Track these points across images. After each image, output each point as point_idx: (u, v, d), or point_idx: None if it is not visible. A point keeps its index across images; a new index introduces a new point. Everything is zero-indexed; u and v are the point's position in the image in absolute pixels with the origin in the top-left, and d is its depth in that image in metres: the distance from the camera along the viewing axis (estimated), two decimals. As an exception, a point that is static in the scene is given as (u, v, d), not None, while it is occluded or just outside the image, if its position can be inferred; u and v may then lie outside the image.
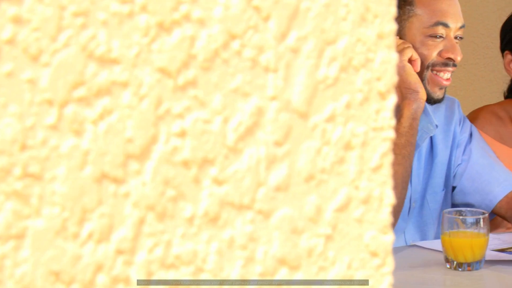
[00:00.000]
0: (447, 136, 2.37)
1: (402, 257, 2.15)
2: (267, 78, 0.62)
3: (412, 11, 2.18)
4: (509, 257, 2.08)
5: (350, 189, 0.66)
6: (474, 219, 2.03)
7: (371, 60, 0.67)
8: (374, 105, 0.67)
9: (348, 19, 0.65)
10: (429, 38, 2.18)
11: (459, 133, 2.39)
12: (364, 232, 0.67)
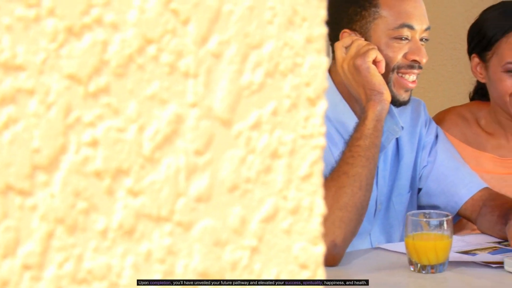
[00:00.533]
0: (412, 137, 2.35)
1: (366, 260, 2.13)
2: (186, 84, 0.59)
3: (377, 13, 2.16)
4: (472, 258, 2.06)
5: (277, 199, 0.64)
6: (438, 221, 2.01)
7: (300, 65, 0.64)
8: (303, 112, 0.64)
9: (274, 23, 0.63)
10: (394, 40, 2.16)
11: (424, 135, 2.38)
12: (292, 243, 0.65)
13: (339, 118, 2.22)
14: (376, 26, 2.15)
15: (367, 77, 2.07)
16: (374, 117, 2.07)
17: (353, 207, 2.02)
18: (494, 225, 2.22)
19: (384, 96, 2.08)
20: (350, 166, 2.03)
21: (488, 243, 2.19)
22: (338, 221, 2.00)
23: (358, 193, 2.02)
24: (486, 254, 2.09)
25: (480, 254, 2.09)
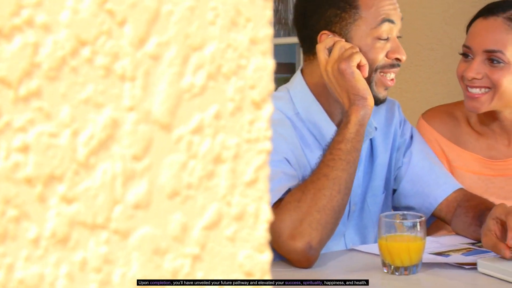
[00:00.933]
0: (387, 138, 2.34)
1: (341, 261, 2.12)
2: (123, 88, 0.58)
3: (358, 14, 2.14)
4: (446, 260, 2.05)
5: (221, 205, 0.62)
6: (411, 222, 2.00)
7: (244, 67, 0.62)
8: (248, 115, 0.63)
9: (216, 23, 0.61)
10: (376, 40, 2.15)
11: (399, 136, 2.36)
12: (237, 251, 0.63)
13: (312, 119, 2.21)
14: (357, 28, 2.14)
15: (352, 81, 2.06)
16: (357, 121, 2.06)
17: (331, 210, 2.01)
18: (469, 227, 2.21)
19: (368, 101, 2.07)
20: (330, 168, 2.03)
21: (462, 244, 2.18)
22: (315, 223, 1.99)
23: (336, 196, 2.02)
24: (459, 255, 2.08)
25: (454, 256, 2.08)
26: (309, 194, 2.00)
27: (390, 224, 1.99)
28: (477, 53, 2.31)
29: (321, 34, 2.14)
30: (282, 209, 2.00)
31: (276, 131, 2.13)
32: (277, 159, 2.08)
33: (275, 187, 2.02)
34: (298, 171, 2.14)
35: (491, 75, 2.30)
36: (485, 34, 2.31)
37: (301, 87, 2.22)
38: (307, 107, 2.21)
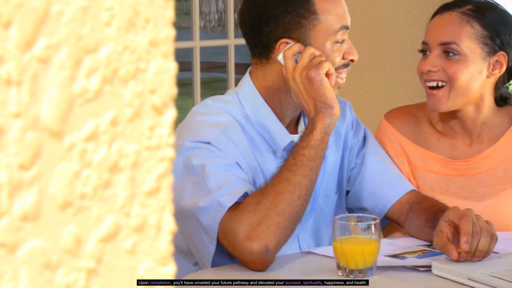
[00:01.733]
0: (338, 138, 2.33)
1: (295, 264, 2.10)
2: (8, 93, 0.54)
3: (317, 19, 2.13)
4: (401, 262, 2.03)
5: (118, 216, 0.59)
6: (366, 225, 1.98)
7: (143, 70, 0.59)
8: (148, 121, 0.60)
9: (112, 24, 0.58)
10: (334, 44, 2.15)
11: (351, 136, 2.35)
12: (137, 264, 0.60)
13: (262, 122, 2.19)
14: (317, 33, 2.13)
15: (320, 89, 2.05)
16: (322, 129, 2.05)
17: (290, 215, 2.00)
18: (422, 229, 2.20)
19: (334, 110, 2.06)
20: (292, 173, 2.01)
21: (417, 246, 2.17)
22: (273, 226, 1.97)
23: (296, 201, 2.01)
24: (414, 258, 2.06)
25: (409, 258, 2.06)
26: (269, 197, 1.98)
27: (344, 226, 1.97)
28: (433, 47, 2.32)
29: (281, 42, 2.13)
30: (241, 211, 1.97)
31: (226, 135, 2.11)
32: (228, 162, 2.06)
33: (231, 190, 2.00)
34: (249, 174, 2.12)
35: (447, 68, 2.30)
36: (440, 28, 2.32)
37: (250, 90, 2.20)
38: (257, 109, 2.19)
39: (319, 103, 2.06)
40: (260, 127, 2.18)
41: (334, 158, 2.30)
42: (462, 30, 2.30)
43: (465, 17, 2.31)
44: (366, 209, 2.31)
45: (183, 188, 2.06)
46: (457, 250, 1.94)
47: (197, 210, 2.01)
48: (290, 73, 2.09)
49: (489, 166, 2.39)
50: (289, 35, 2.13)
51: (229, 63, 3.97)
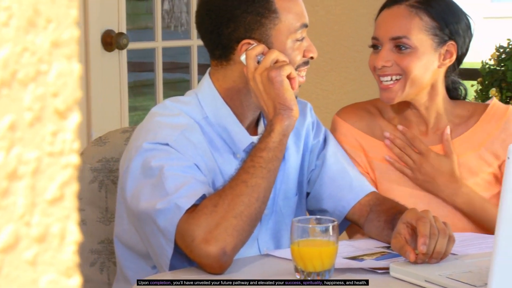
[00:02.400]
0: (298, 140, 2.31)
1: (254, 267, 2.07)
2: None
3: (277, 18, 2.12)
4: (359, 264, 2.02)
5: (18, 226, 0.56)
6: (324, 227, 1.96)
7: (44, 73, 0.56)
8: (50, 126, 0.57)
9: (10, 25, 0.55)
10: (295, 42, 2.14)
11: (312, 138, 2.34)
12: (39, 276, 0.57)
13: (222, 123, 2.17)
14: (278, 32, 2.12)
15: (280, 90, 2.04)
16: (281, 131, 2.03)
17: (247, 217, 1.97)
18: (381, 231, 2.18)
19: (293, 112, 2.05)
20: (250, 175, 1.99)
21: (377, 248, 2.15)
22: (231, 229, 1.95)
23: (254, 204, 1.98)
24: (372, 260, 2.05)
25: (367, 260, 2.04)
26: (226, 200, 1.96)
27: (302, 228, 1.95)
28: (384, 41, 2.32)
29: (243, 43, 2.11)
30: (198, 213, 1.95)
31: (185, 136, 2.09)
32: (187, 164, 2.04)
33: (189, 192, 1.98)
34: (208, 176, 2.10)
35: (400, 62, 2.31)
36: (390, 22, 2.33)
37: (210, 91, 2.18)
38: (216, 111, 2.17)
39: (278, 105, 2.04)
40: (219, 128, 2.16)
41: (294, 160, 2.29)
42: (411, 23, 2.31)
43: (413, 10, 2.32)
44: (327, 211, 2.30)
45: (141, 190, 2.03)
46: (414, 252, 1.93)
47: (155, 212, 1.98)
48: (251, 73, 2.07)
49: None
50: (250, 35, 2.11)
51: (192, 63, 3.94)
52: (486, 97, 4.21)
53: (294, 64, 2.12)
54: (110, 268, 2.42)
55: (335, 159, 2.32)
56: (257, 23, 2.11)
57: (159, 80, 3.85)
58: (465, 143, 2.41)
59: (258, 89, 2.06)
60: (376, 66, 2.32)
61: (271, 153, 2.02)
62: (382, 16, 2.36)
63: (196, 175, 2.03)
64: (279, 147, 2.03)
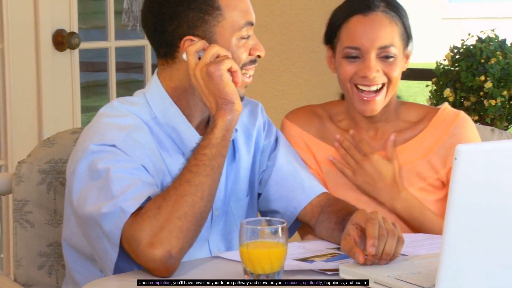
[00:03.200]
0: (249, 140, 2.29)
1: (203, 269, 2.05)
2: None
3: (221, 15, 2.10)
4: (309, 266, 2.00)
5: None
6: (273, 229, 1.94)
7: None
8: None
9: None
10: (239, 40, 2.12)
11: (263, 138, 2.32)
12: None
13: (171, 123, 2.14)
14: (222, 29, 2.10)
15: (220, 85, 2.01)
16: (223, 126, 2.01)
17: (192, 217, 1.94)
18: (332, 232, 2.18)
19: (235, 106, 2.03)
20: (193, 174, 1.96)
21: (327, 249, 2.15)
22: (176, 231, 1.92)
23: (199, 203, 1.95)
24: (322, 261, 2.04)
25: (317, 262, 2.03)
26: (170, 201, 1.93)
27: (250, 230, 1.93)
28: (369, 51, 2.30)
29: (185, 40, 2.09)
30: (142, 217, 1.92)
31: (133, 137, 2.06)
32: (134, 166, 2.01)
33: (134, 195, 1.95)
34: (156, 177, 2.07)
35: (386, 70, 2.31)
36: (374, 31, 2.30)
37: (158, 91, 2.16)
38: (165, 111, 2.15)
39: (220, 99, 2.02)
40: (168, 128, 2.14)
41: (245, 160, 2.27)
42: (393, 32, 2.32)
43: (390, 17, 2.31)
44: (278, 212, 2.29)
45: (88, 193, 2.00)
46: (363, 254, 1.92)
47: (100, 216, 1.95)
48: (192, 70, 2.05)
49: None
50: (193, 32, 2.09)
51: (146, 64, 3.91)
52: (441, 98, 4.23)
53: (239, 62, 2.11)
54: (59, 271, 2.39)
55: (286, 160, 2.31)
56: (200, 20, 2.09)
57: (112, 81, 3.81)
58: (414, 149, 2.41)
59: (199, 85, 2.04)
60: (367, 76, 2.29)
61: (214, 149, 1.99)
62: (360, 24, 2.31)
63: (143, 177, 2.00)
64: (223, 143, 2.00)
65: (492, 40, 4.20)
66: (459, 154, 1.59)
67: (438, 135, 2.39)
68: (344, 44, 2.31)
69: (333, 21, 2.36)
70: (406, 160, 2.39)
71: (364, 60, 2.29)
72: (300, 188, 2.27)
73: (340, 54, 2.33)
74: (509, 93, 4.06)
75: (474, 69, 4.12)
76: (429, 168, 2.39)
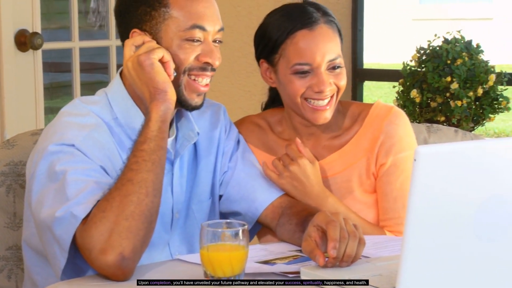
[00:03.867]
0: (211, 142, 2.27)
1: (163, 272, 2.02)
2: None
3: (168, 13, 2.07)
4: (271, 269, 1.98)
5: None
6: (233, 231, 1.91)
7: None
8: None
9: None
10: (186, 41, 2.07)
11: (224, 140, 2.30)
12: None
13: (131, 124, 2.11)
14: (167, 27, 2.07)
15: (151, 73, 1.99)
16: (158, 118, 1.97)
17: (140, 216, 1.90)
18: (293, 234, 2.16)
19: (169, 95, 1.99)
20: (134, 172, 1.92)
21: (290, 252, 2.13)
22: (125, 232, 1.87)
23: (145, 200, 1.91)
24: (283, 264, 2.01)
25: (278, 264, 2.01)
26: (114, 203, 1.88)
27: (211, 233, 1.91)
28: (320, 66, 2.29)
29: (132, 32, 2.08)
30: (89, 224, 1.88)
31: (93, 137, 2.03)
32: (91, 167, 1.98)
33: (86, 199, 1.91)
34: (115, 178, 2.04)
35: (336, 81, 2.31)
36: (324, 46, 2.29)
37: (120, 91, 2.13)
38: (126, 111, 2.12)
39: (152, 89, 1.99)
40: (129, 129, 2.11)
41: (208, 163, 2.25)
42: (337, 42, 2.34)
43: (332, 27, 2.32)
44: (239, 213, 2.27)
45: (45, 196, 1.96)
46: (324, 256, 1.90)
47: (53, 220, 1.91)
48: (125, 61, 2.03)
49: (333, 171, 2.39)
50: (141, 27, 2.08)
51: (111, 64, 3.88)
52: (408, 99, 4.23)
53: (182, 65, 2.06)
54: (18, 275, 2.36)
55: (247, 162, 2.29)
56: (147, 15, 2.07)
57: (77, 82, 3.78)
58: (352, 151, 2.39)
59: (132, 76, 2.02)
60: (322, 91, 2.28)
61: (152, 143, 1.95)
62: (307, 39, 2.29)
63: (100, 178, 1.97)
64: (160, 135, 1.96)
65: (458, 41, 4.21)
66: (418, 155, 1.57)
67: (373, 133, 2.38)
68: (293, 61, 2.28)
69: (272, 37, 2.31)
70: (346, 163, 2.38)
71: (316, 74, 2.28)
72: (261, 190, 2.25)
73: (288, 70, 2.30)
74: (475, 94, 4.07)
75: (441, 70, 4.12)
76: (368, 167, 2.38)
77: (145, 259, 2.02)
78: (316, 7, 2.33)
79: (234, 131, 2.34)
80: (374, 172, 2.37)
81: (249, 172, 2.27)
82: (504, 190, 1.66)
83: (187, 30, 2.06)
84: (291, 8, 2.33)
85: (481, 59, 4.19)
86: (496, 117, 4.17)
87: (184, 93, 2.09)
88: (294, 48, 2.28)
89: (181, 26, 2.06)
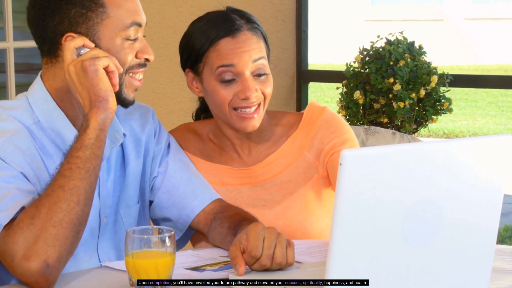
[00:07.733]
0: (139, 146, 2.21)
1: (90, 280, 1.96)
2: None
3: (105, 13, 2.01)
4: (200, 275, 1.93)
5: None
6: (160, 237, 1.86)
7: None
8: None
9: None
10: (125, 41, 2.03)
11: (154, 144, 2.24)
12: None
13: (54, 127, 2.05)
14: (105, 28, 2.01)
15: (94, 80, 1.93)
16: (96, 126, 1.92)
17: (69, 224, 1.85)
18: (225, 237, 2.11)
19: (110, 104, 1.94)
20: (67, 179, 1.87)
21: (221, 258, 2.08)
22: (51, 239, 1.82)
23: (75, 208, 1.86)
24: (211, 271, 1.97)
25: (207, 271, 1.96)
26: (43, 209, 1.83)
27: (137, 239, 1.85)
28: (243, 70, 2.25)
29: (66, 36, 2.01)
30: (14, 229, 1.82)
31: (12, 143, 1.97)
32: (11, 174, 1.92)
33: (7, 205, 1.86)
34: (37, 185, 1.98)
35: (262, 88, 2.28)
36: (247, 49, 2.25)
37: (42, 93, 2.07)
38: (48, 114, 2.05)
39: (94, 96, 1.93)
40: (52, 133, 2.05)
41: (135, 166, 2.19)
42: (262, 48, 2.30)
43: (255, 33, 2.30)
44: (171, 220, 2.22)
45: None
46: (244, 266, 1.86)
47: None
48: (66, 65, 1.96)
49: (272, 173, 2.37)
50: (75, 29, 2.01)
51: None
52: (351, 100, 4.21)
53: (124, 65, 2.03)
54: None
55: (178, 167, 2.24)
56: (82, 17, 2.00)
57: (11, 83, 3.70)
58: (287, 152, 2.37)
59: (73, 80, 1.96)
60: (248, 97, 2.25)
61: (88, 151, 1.90)
62: (230, 45, 2.25)
63: (21, 185, 1.91)
64: (97, 143, 1.92)
65: (401, 42, 4.20)
66: (344, 159, 1.53)
67: (309, 131, 2.38)
68: (216, 64, 2.24)
69: (196, 46, 2.27)
70: (283, 164, 2.36)
71: (241, 81, 2.25)
72: (192, 195, 2.20)
73: (212, 76, 2.26)
74: (417, 96, 4.06)
75: (383, 71, 4.11)
76: (310, 164, 2.36)
77: (72, 265, 1.96)
78: (240, 14, 2.30)
79: (164, 134, 2.28)
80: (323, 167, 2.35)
81: (180, 177, 2.22)
82: (432, 194, 1.64)
83: (127, 29, 2.03)
84: (214, 16, 2.29)
85: (424, 60, 4.19)
86: (445, 118, 4.19)
87: (124, 91, 2.05)
88: (217, 54, 2.26)
89: (121, 25, 2.02)
